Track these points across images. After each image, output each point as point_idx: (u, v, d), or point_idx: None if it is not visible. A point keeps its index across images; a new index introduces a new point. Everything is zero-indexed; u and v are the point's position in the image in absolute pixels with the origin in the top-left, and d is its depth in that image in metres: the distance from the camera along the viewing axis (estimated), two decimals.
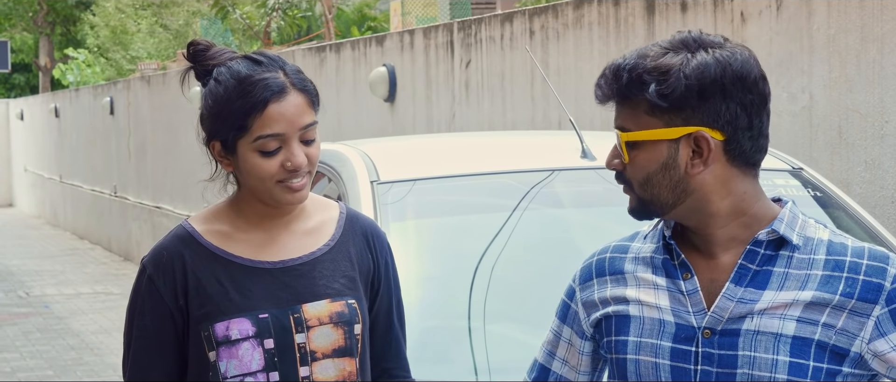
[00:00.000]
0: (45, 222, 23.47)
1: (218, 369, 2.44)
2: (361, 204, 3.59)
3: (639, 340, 2.16)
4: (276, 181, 2.43)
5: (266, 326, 2.44)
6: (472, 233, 3.73)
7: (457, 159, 4.14)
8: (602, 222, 3.76)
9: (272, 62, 2.45)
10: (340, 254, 2.54)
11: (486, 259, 3.53)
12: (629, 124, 2.09)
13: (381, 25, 21.42)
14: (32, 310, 12.79)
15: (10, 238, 20.44)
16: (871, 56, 5.19)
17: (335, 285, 2.51)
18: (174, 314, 2.48)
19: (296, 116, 2.42)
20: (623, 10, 6.81)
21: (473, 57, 8.42)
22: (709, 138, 2.05)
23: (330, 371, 2.48)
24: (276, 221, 2.52)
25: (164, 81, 15.79)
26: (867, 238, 3.78)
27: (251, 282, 2.47)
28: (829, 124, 5.43)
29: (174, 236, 2.52)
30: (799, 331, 2.04)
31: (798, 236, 2.09)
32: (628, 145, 2.09)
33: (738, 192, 2.10)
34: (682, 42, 2.09)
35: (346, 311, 2.49)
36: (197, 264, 2.48)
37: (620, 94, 2.09)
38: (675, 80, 2.03)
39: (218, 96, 2.44)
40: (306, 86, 2.46)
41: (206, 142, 2.51)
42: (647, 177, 2.09)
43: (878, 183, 5.21)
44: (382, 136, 9.12)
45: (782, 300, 2.05)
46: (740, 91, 2.05)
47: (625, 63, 2.08)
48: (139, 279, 2.54)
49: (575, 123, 3.89)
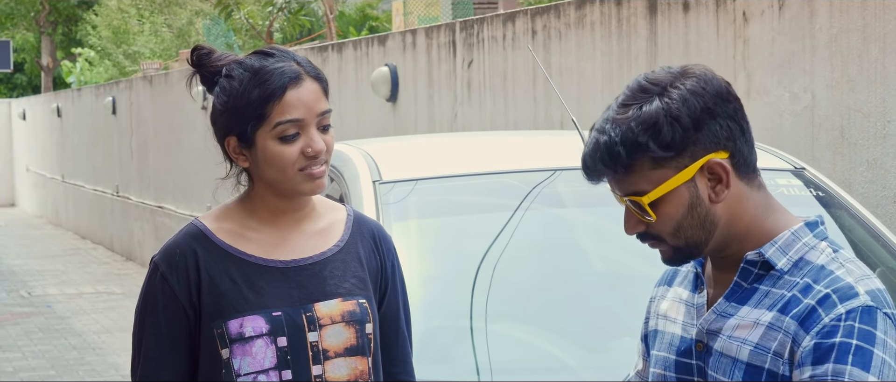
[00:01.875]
0: (47, 222, 23.48)
1: (231, 366, 2.43)
2: (364, 204, 3.59)
3: (658, 354, 2.21)
4: (297, 169, 2.43)
5: (279, 324, 2.44)
6: (474, 233, 3.73)
7: (459, 159, 4.14)
8: (604, 222, 3.76)
9: (283, 54, 2.48)
10: (350, 255, 2.55)
11: (488, 259, 3.53)
12: (643, 186, 2.07)
13: (383, 25, 21.43)
14: (34, 310, 12.79)
15: (12, 238, 20.45)
16: (874, 56, 5.19)
17: (346, 284, 2.52)
18: (188, 312, 2.47)
19: (313, 102, 2.44)
20: (625, 9, 6.80)
21: (475, 57, 8.42)
22: (721, 161, 2.06)
23: (342, 370, 2.48)
24: (288, 219, 2.53)
25: (166, 81, 15.79)
26: (869, 238, 3.77)
27: (264, 280, 2.48)
28: (832, 124, 5.43)
29: (186, 234, 2.52)
30: (752, 358, 2.03)
31: (788, 261, 2.06)
32: (651, 205, 2.08)
33: (752, 208, 2.10)
34: (642, 90, 2.08)
35: (357, 310, 2.50)
36: (209, 261, 2.47)
37: (625, 167, 2.06)
38: (668, 127, 2.03)
39: (233, 90, 2.44)
40: (319, 74, 2.50)
41: (220, 139, 2.50)
42: (677, 225, 2.08)
43: (881, 183, 5.20)
44: (384, 136, 9.12)
45: (750, 319, 2.05)
46: (723, 105, 2.07)
47: (610, 140, 2.06)
48: (151, 277, 2.51)
49: (577, 123, 3.89)
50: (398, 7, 13.54)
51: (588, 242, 3.86)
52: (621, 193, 2.10)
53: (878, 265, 3.65)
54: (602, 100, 6.96)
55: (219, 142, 2.51)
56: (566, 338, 3.45)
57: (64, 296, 13.71)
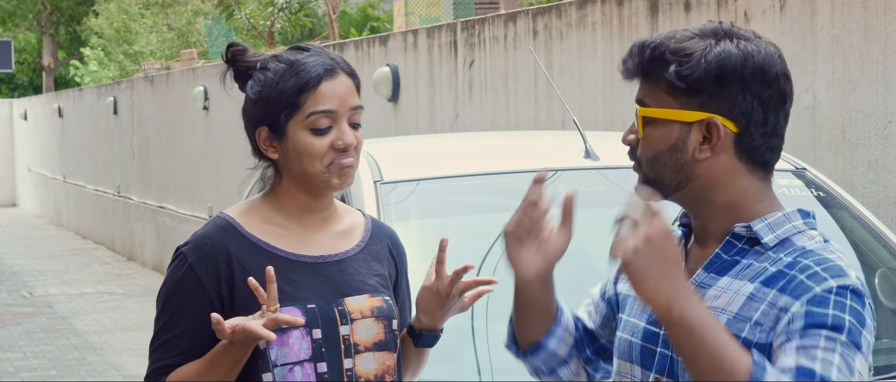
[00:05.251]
0: (49, 222, 23.49)
1: (268, 356, 2.44)
2: (365, 204, 3.59)
3: (628, 319, 2.22)
4: (326, 163, 2.46)
5: (314, 316, 2.46)
6: (475, 233, 3.73)
7: (460, 159, 4.14)
8: (606, 222, 3.75)
9: (319, 50, 2.52)
10: (371, 255, 2.59)
11: (490, 259, 3.53)
12: (648, 100, 2.11)
13: (384, 26, 21.43)
14: (36, 310, 12.80)
15: (13, 238, 20.45)
16: (875, 56, 5.19)
17: (371, 281, 2.55)
18: (215, 305, 2.45)
19: (346, 96, 2.48)
20: (626, 9, 6.81)
21: (477, 57, 8.42)
22: (720, 126, 2.05)
23: (371, 365, 2.51)
24: (313, 218, 2.55)
25: (168, 81, 15.80)
26: (870, 238, 3.77)
27: (296, 274, 2.49)
28: (833, 124, 5.43)
29: (216, 227, 2.51)
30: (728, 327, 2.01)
31: (775, 238, 2.07)
32: (644, 121, 2.11)
33: (740, 188, 2.09)
34: (712, 30, 2.10)
35: (384, 306, 2.54)
36: (242, 254, 2.47)
37: (642, 69, 2.10)
38: (695, 63, 2.05)
39: (268, 81, 2.47)
40: (353, 71, 2.53)
41: (251, 130, 2.52)
42: (655, 155, 2.11)
43: (882, 183, 5.20)
44: (386, 136, 9.12)
45: (730, 290, 2.05)
46: (759, 85, 2.06)
47: (651, 41, 2.10)
48: (177, 268, 2.49)
49: (578, 124, 3.89)
50: (399, 7, 13.55)
51: (589, 242, 3.85)
52: (637, 95, 2.14)
53: (878, 266, 3.65)
54: (603, 100, 6.96)
55: (249, 133, 2.53)
56: None
57: (65, 296, 13.71)
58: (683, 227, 2.20)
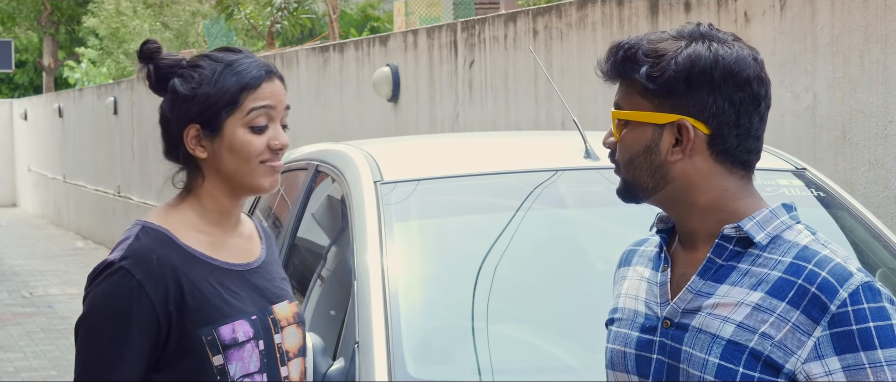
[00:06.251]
0: (49, 222, 23.49)
1: (227, 372, 2.39)
2: (365, 204, 3.59)
3: (619, 330, 2.20)
4: (259, 161, 2.45)
5: (258, 327, 2.45)
6: (475, 233, 3.73)
7: (460, 159, 4.14)
8: (606, 222, 3.76)
9: (249, 53, 2.52)
10: (272, 258, 2.60)
11: (490, 259, 3.53)
12: (623, 103, 2.12)
13: (384, 26, 21.43)
14: (36, 310, 12.80)
15: (13, 238, 20.45)
16: (875, 56, 5.19)
17: (285, 286, 2.57)
18: (161, 325, 2.36)
19: (282, 97, 2.50)
20: (627, 9, 6.81)
21: (477, 57, 8.42)
22: (690, 128, 2.05)
23: (296, 371, 2.53)
24: (230, 221, 2.52)
25: None
26: (871, 238, 3.77)
27: (232, 284, 2.46)
28: (833, 124, 5.43)
29: (154, 240, 2.40)
30: (735, 336, 2.01)
31: (766, 236, 2.06)
32: (619, 124, 2.12)
33: (719, 188, 2.09)
34: (689, 32, 2.10)
35: (300, 311, 2.57)
36: (186, 268, 2.40)
37: (615, 70, 2.11)
38: (665, 64, 2.05)
39: (205, 78, 2.44)
40: (282, 76, 2.55)
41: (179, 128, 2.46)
42: (630, 158, 2.11)
43: (882, 183, 5.20)
44: (386, 136, 9.13)
45: (732, 298, 2.04)
46: (730, 87, 2.05)
47: (626, 42, 2.11)
48: (119, 285, 2.34)
49: (578, 124, 3.89)
50: (400, 7, 13.55)
51: (589, 242, 3.85)
52: (615, 98, 2.14)
53: (879, 266, 3.65)
54: (603, 100, 6.96)
55: (173, 131, 2.48)
56: (567, 338, 3.45)
57: (65, 296, 13.71)
58: (662, 232, 2.19)
